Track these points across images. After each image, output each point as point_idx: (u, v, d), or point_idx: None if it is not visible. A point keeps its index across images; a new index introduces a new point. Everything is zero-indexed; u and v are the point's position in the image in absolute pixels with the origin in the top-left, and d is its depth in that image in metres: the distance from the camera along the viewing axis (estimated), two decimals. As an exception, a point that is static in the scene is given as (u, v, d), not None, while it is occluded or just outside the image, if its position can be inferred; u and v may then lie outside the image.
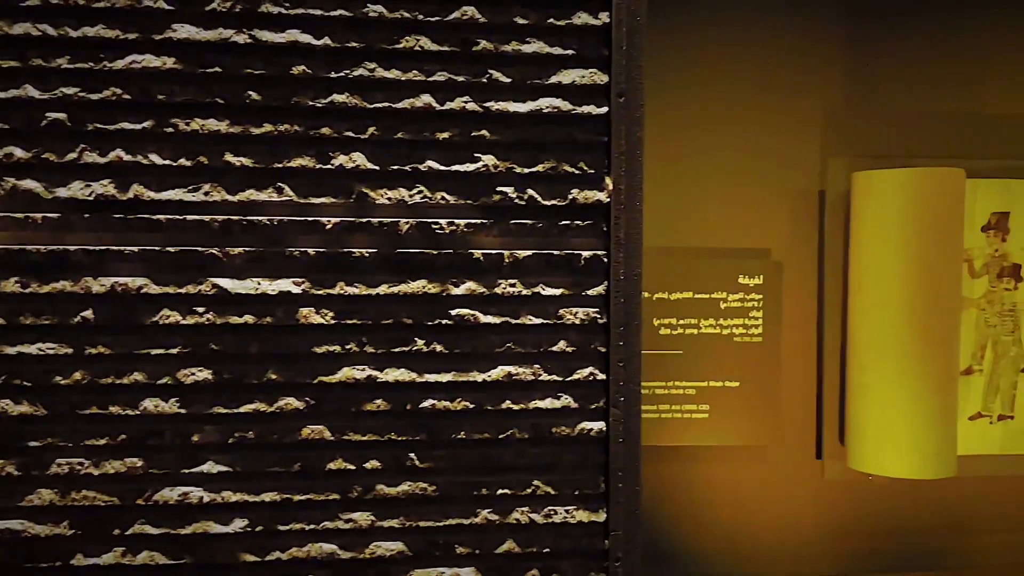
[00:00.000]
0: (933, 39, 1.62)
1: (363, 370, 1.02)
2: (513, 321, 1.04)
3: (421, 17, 1.02)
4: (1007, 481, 1.64)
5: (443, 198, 1.03)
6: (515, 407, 1.05)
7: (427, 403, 1.03)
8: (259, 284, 1.01)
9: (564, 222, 1.05)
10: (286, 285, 1.01)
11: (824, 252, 1.62)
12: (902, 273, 1.49)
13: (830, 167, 1.61)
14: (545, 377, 1.05)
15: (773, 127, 1.61)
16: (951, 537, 1.65)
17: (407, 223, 1.03)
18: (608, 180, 1.05)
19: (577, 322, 1.05)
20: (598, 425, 1.06)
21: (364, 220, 1.02)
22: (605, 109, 1.04)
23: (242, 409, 1.01)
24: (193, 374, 1.01)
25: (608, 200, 1.05)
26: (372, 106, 1.02)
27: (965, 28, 1.62)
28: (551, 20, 1.03)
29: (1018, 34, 1.63)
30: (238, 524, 1.02)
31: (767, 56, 1.60)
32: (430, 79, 1.02)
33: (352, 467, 1.03)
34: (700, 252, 1.62)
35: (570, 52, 1.04)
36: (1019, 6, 1.63)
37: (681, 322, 1.61)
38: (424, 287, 1.03)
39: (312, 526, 1.03)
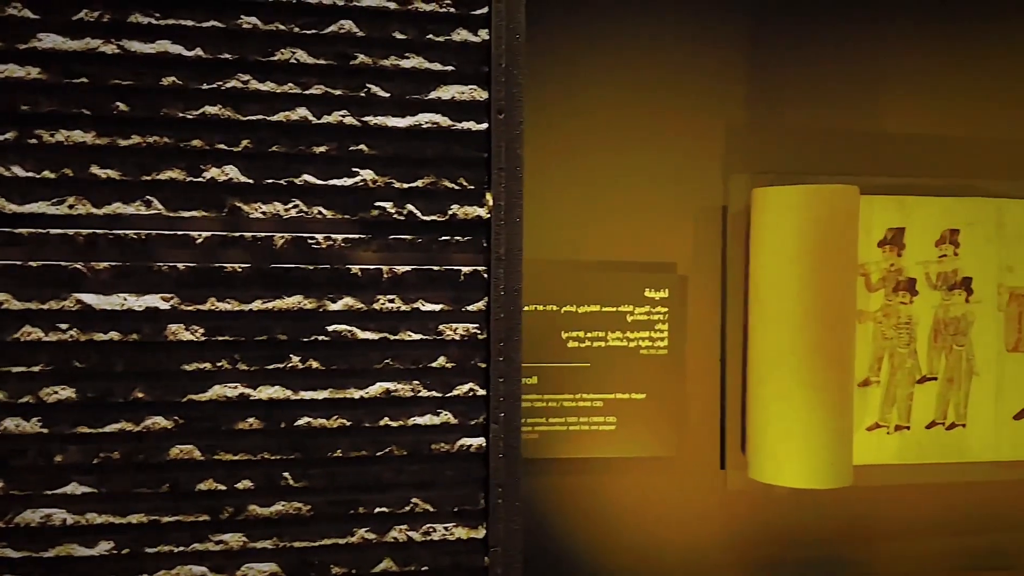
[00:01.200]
0: (832, 60, 1.65)
1: (235, 388, 0.99)
2: (392, 337, 1.03)
3: (297, 30, 1.00)
4: (904, 489, 1.68)
5: (320, 212, 1.01)
6: (393, 424, 1.03)
7: (302, 421, 1.01)
8: (125, 300, 0.97)
9: (444, 237, 1.04)
10: (154, 301, 0.98)
11: (727, 267, 1.64)
12: (798, 287, 1.51)
13: (732, 183, 1.63)
14: (424, 393, 1.03)
15: (679, 144, 1.63)
16: (851, 545, 1.68)
17: (282, 238, 1.00)
18: (488, 196, 1.04)
19: (457, 338, 1.04)
20: (478, 441, 1.05)
21: (237, 234, 0.99)
22: (485, 125, 1.04)
23: (107, 428, 0.98)
24: (56, 392, 0.97)
25: (488, 216, 1.04)
26: (246, 118, 0.99)
27: (863, 49, 1.66)
28: (430, 36, 1.03)
29: (912, 55, 1.67)
30: (104, 547, 0.98)
31: (672, 75, 1.62)
32: (306, 92, 1.00)
33: (223, 487, 1.00)
34: (608, 266, 1.63)
35: (450, 68, 1.03)
36: (913, 29, 1.67)
37: (589, 335, 1.61)
38: (300, 303, 1.01)
39: (181, 548, 0.99)
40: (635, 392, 1.63)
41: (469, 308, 1.04)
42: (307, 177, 1.01)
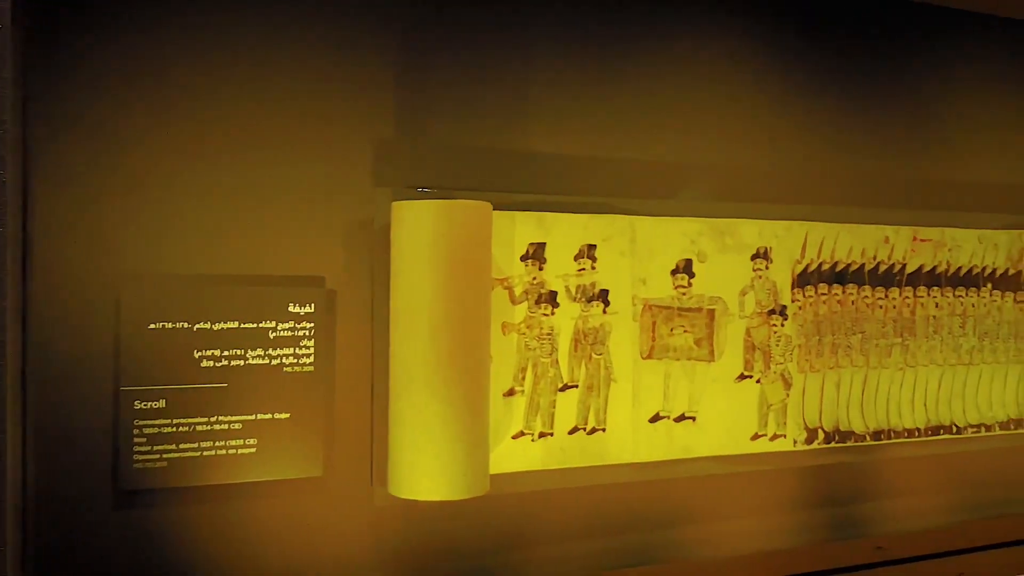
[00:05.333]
0: (480, 78, 1.63)
1: None
2: None
3: None
4: (550, 494, 1.66)
5: None
6: None
7: None
8: None
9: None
10: None
11: (375, 281, 1.56)
12: (432, 300, 1.45)
13: (377, 197, 1.56)
14: None
15: (326, 157, 1.53)
16: (502, 553, 1.64)
17: None
18: (-37, 201, 0.88)
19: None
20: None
21: None
22: (-43, 120, 0.88)
23: None
24: None
25: (-38, 223, 0.88)
26: None
27: (509, 70, 1.65)
28: None
29: (554, 79, 1.68)
30: None
31: (318, 87, 1.52)
32: None
33: None
34: (248, 280, 1.49)
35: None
36: (556, 53, 1.68)
37: (226, 353, 1.47)
38: None
39: None
40: (278, 412, 1.50)
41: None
42: None
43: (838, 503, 1.88)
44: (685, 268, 1.73)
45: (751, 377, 1.79)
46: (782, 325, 1.81)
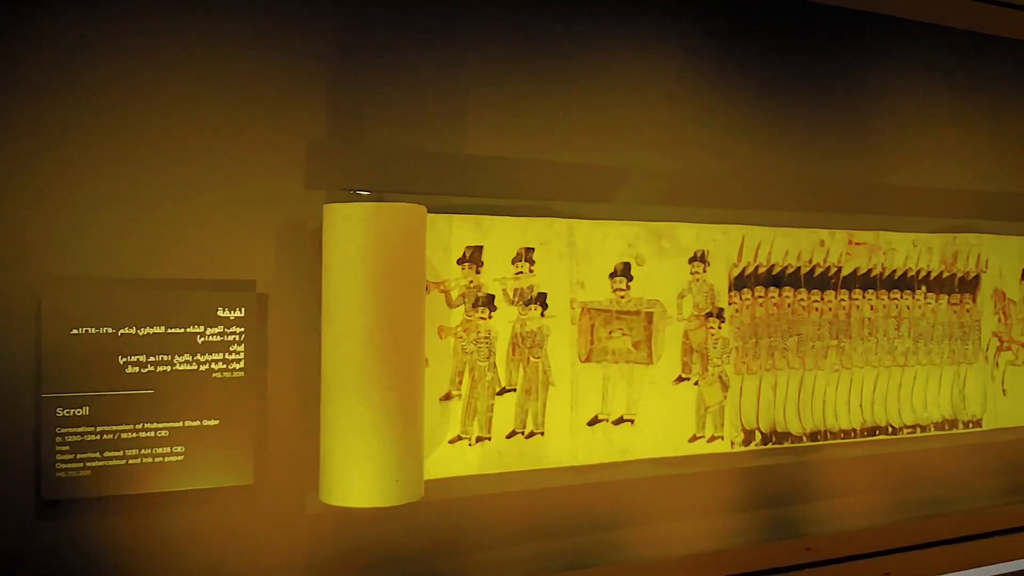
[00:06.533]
0: (416, 80, 1.62)
1: None
2: None
3: None
4: (487, 499, 1.65)
5: None
6: None
7: None
8: None
9: None
10: None
11: (307, 284, 1.54)
12: (364, 304, 1.44)
13: (309, 200, 1.54)
14: None
15: (257, 158, 1.51)
16: (439, 559, 1.63)
17: None
18: None
19: None
20: None
21: None
22: None
23: None
24: None
25: None
26: None
27: (446, 72, 1.64)
28: None
29: (493, 82, 1.68)
30: None
31: (250, 90, 1.50)
32: None
33: None
34: (175, 283, 1.46)
35: None
36: (494, 55, 1.68)
37: (152, 359, 1.44)
38: None
39: None
40: (207, 418, 1.47)
41: None
42: None
43: (775, 504, 1.90)
44: (623, 271, 1.74)
45: (689, 379, 1.80)
46: (719, 328, 1.82)
